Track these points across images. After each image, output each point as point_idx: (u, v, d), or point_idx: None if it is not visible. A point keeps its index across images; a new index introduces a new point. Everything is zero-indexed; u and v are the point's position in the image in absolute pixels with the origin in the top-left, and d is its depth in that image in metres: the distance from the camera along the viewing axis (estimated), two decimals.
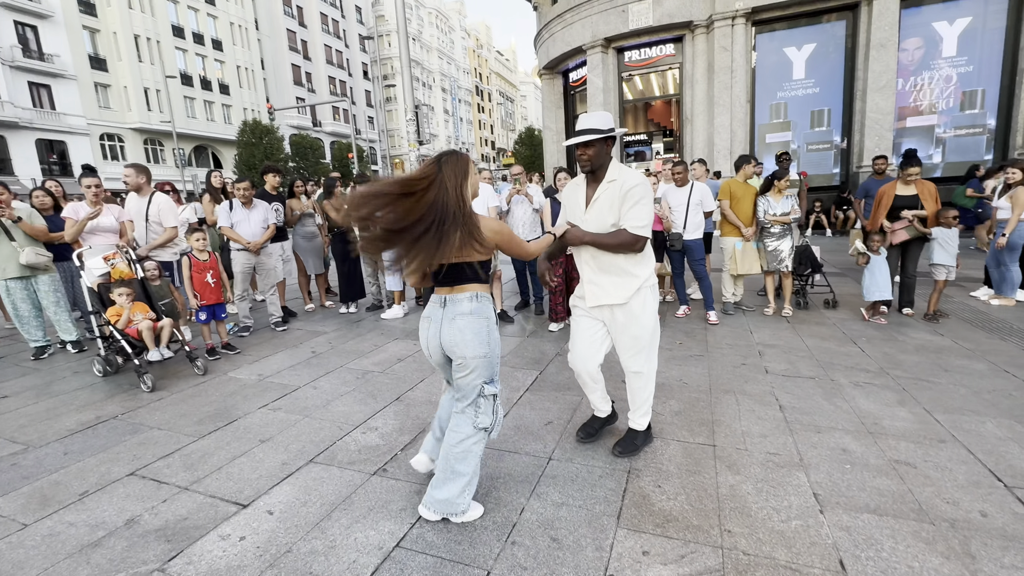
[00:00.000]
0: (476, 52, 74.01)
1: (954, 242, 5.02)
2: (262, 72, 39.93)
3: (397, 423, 3.11)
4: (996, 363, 3.78)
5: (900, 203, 5.10)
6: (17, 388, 3.96)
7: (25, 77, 25.21)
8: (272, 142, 31.21)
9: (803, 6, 11.50)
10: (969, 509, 2.13)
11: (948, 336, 4.46)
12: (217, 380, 3.95)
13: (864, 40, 11.16)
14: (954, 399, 3.18)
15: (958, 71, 10.97)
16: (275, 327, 5.34)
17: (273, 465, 2.66)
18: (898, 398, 3.23)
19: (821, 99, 11.97)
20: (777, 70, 12.14)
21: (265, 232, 5.19)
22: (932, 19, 10.96)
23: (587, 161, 2.38)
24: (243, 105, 37.48)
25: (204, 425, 3.16)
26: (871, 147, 11.19)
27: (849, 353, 4.12)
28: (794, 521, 2.09)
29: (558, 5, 14.41)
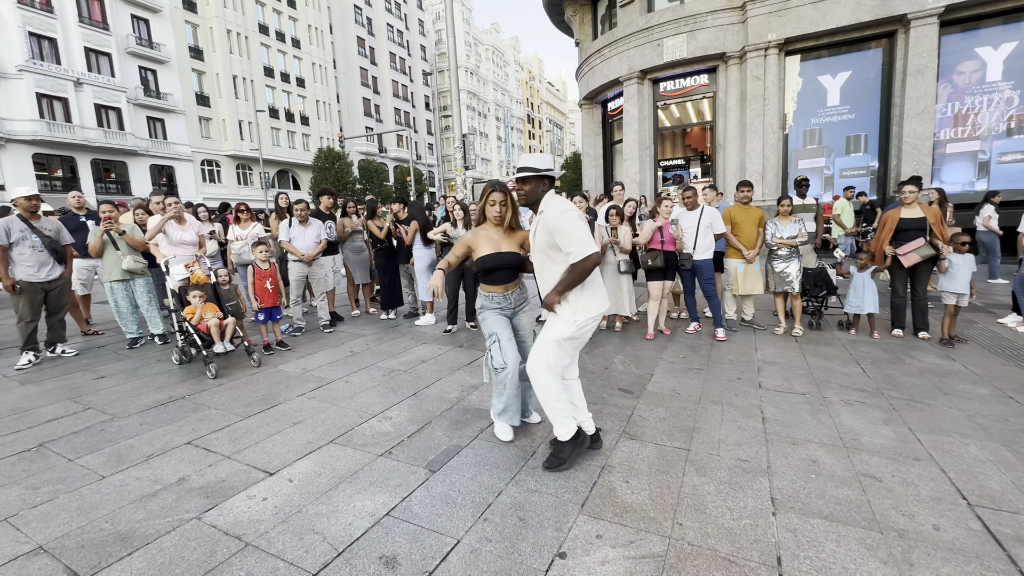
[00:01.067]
0: (528, 83, 75.48)
1: (967, 268, 4.75)
2: (337, 105, 42.55)
3: (409, 415, 3.35)
4: (1002, 389, 3.56)
5: (906, 225, 4.90)
6: (112, 371, 4.54)
7: (144, 112, 28.22)
8: (343, 167, 33.11)
9: (837, 35, 11.13)
10: (923, 522, 2.09)
11: (960, 361, 4.22)
12: (268, 371, 4.36)
13: (901, 67, 10.63)
14: (943, 421, 3.05)
15: (1004, 96, 10.23)
16: (323, 329, 5.78)
17: (300, 443, 2.96)
18: (884, 417, 3.13)
19: (857, 125, 11.46)
20: (811, 97, 11.76)
21: (317, 246, 5.66)
22: (975, 44, 10.31)
23: (523, 196, 2.60)
24: (320, 134, 40.04)
25: (251, 407, 3.53)
26: (909, 172, 10.56)
27: (849, 373, 3.99)
28: (744, 520, 2.13)
29: (597, 41, 14.65)
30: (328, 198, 6.18)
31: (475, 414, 3.32)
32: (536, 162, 2.58)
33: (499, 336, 2.77)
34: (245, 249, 5.95)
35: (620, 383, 3.88)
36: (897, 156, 10.89)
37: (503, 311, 2.85)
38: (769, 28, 11.39)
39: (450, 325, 5.65)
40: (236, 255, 5.95)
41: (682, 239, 5.25)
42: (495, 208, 2.66)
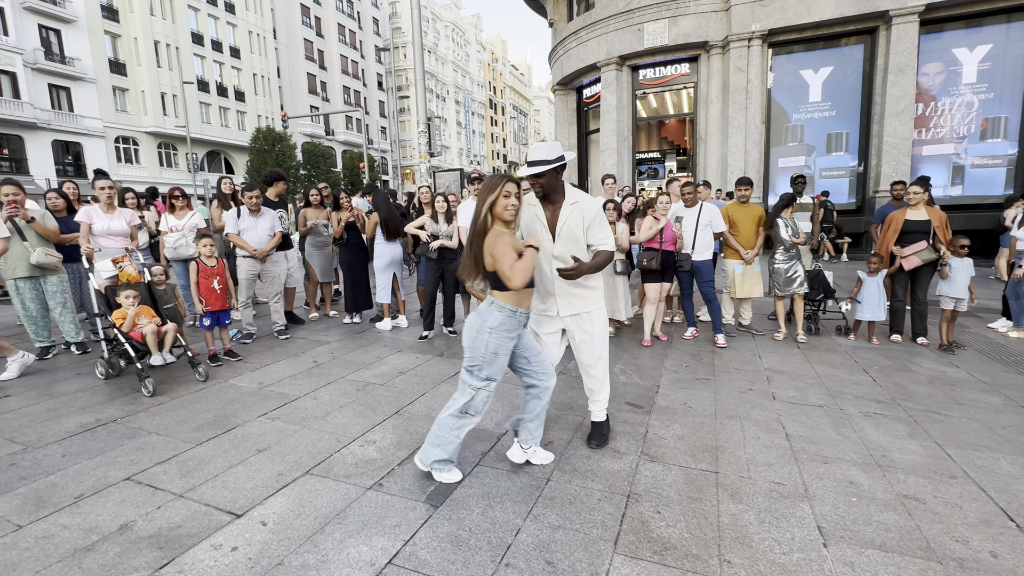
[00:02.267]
0: (491, 66, 75.16)
1: (966, 272, 4.99)
2: (278, 80, 40.79)
3: (395, 437, 3.13)
4: (1012, 398, 3.73)
5: (910, 227, 5.10)
6: (20, 387, 4.03)
7: (46, 79, 25.96)
8: (284, 149, 31.76)
9: (820, 29, 11.61)
10: (979, 549, 2.09)
11: (963, 368, 4.41)
12: (218, 387, 4.00)
13: (882, 64, 11.22)
14: (967, 434, 3.14)
15: (979, 98, 10.98)
16: (278, 335, 5.40)
17: (269, 475, 2.68)
18: (909, 430, 3.19)
19: (838, 122, 12.01)
20: (793, 92, 12.22)
21: (271, 240, 5.28)
22: (952, 45, 11.01)
23: (540, 188, 2.68)
24: (257, 112, 38.25)
25: (202, 432, 3.20)
26: (888, 172, 11.18)
27: (860, 382, 4.08)
28: (796, 554, 2.07)
29: (574, 22, 14.67)
30: (282, 184, 5.79)
31: (472, 435, 3.13)
32: (546, 153, 2.66)
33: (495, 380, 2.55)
34: (182, 242, 5.48)
35: (625, 396, 3.80)
36: (877, 156, 11.49)
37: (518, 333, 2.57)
38: (753, 18, 11.73)
39: (426, 331, 5.42)
40: (171, 249, 5.46)
41: (683, 238, 5.25)
42: (510, 201, 2.48)
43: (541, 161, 2.63)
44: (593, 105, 15.12)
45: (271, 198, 5.73)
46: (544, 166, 2.61)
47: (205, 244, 4.48)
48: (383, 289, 5.82)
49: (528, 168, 2.65)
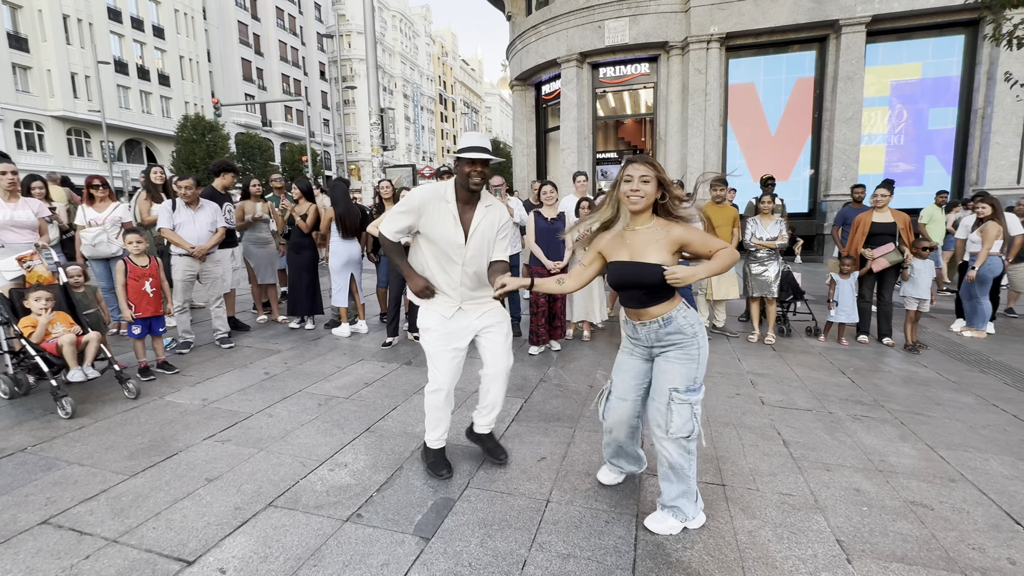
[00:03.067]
0: (441, 59, 74.43)
1: (928, 274, 5.26)
2: (208, 64, 38.56)
3: (370, 459, 2.85)
4: (983, 396, 3.91)
5: (877, 229, 5.31)
6: None
7: None
8: (216, 140, 29.98)
9: (774, 35, 12.12)
10: (996, 556, 2.10)
11: (931, 368, 4.61)
12: (152, 405, 3.55)
13: (832, 72, 11.85)
14: (952, 434, 3.23)
15: (914, 108, 11.80)
16: (220, 343, 4.93)
17: (224, 510, 2.35)
18: (899, 433, 3.25)
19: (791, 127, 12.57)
20: (749, 96, 12.69)
21: (213, 236, 4.82)
22: (892, 56, 11.78)
23: (484, 180, 2.43)
24: (184, 98, 35.98)
25: (137, 460, 2.79)
26: (838, 176, 11.81)
27: (840, 384, 4.17)
28: (823, 573, 1.99)
29: (533, 16, 14.63)
30: (230, 176, 5.31)
31: (457, 453, 2.91)
32: (487, 143, 2.45)
33: (612, 386, 2.40)
34: (103, 238, 4.91)
35: None
36: (828, 160, 12.11)
37: (636, 347, 2.30)
38: (711, 20, 12.09)
39: (390, 337, 5.12)
40: (90, 246, 4.87)
41: None
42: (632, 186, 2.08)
43: (487, 149, 2.40)
44: (552, 102, 15.13)
45: (217, 189, 5.24)
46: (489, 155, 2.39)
47: (133, 240, 3.99)
48: (339, 292, 5.47)
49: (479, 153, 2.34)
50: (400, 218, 2.46)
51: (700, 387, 2.16)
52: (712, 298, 5.49)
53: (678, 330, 2.14)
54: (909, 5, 10.95)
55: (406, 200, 2.46)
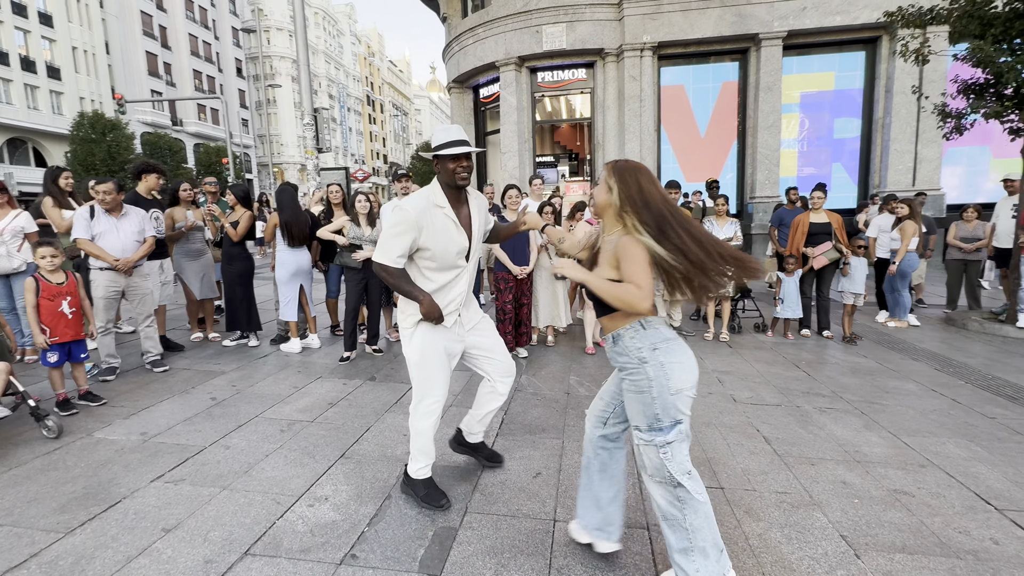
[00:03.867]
0: (367, 60, 72.40)
1: (862, 270, 5.68)
2: (106, 57, 35.10)
3: (352, 488, 2.60)
4: (921, 383, 4.23)
5: (815, 229, 5.67)
6: None
7: None
8: (119, 140, 27.26)
9: (702, 46, 12.76)
10: (981, 538, 2.22)
11: (871, 357, 4.96)
12: (79, 445, 3.07)
13: (754, 82, 12.63)
14: (908, 421, 3.46)
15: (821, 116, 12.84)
16: (152, 367, 4.40)
17: (192, 565, 2.03)
18: (863, 423, 3.43)
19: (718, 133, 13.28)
20: (681, 103, 13.27)
21: (141, 247, 4.28)
22: (804, 68, 12.75)
23: (470, 175, 2.30)
24: (79, 94, 32.55)
25: (71, 513, 2.37)
26: (762, 180, 12.61)
27: (798, 378, 4.37)
28: (839, 571, 2.01)
29: (469, 19, 14.49)
30: (155, 177, 4.76)
31: (446, 473, 2.73)
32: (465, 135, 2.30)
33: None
34: (1, 252, 4.24)
35: None
36: (752, 165, 12.90)
37: None
38: (644, 30, 12.52)
39: (348, 351, 4.79)
40: None
41: None
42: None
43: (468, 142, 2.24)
44: (491, 105, 15.06)
45: (142, 194, 4.67)
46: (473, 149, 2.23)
47: (47, 254, 3.44)
48: (288, 304, 5.06)
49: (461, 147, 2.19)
50: (399, 240, 2.18)
51: (668, 428, 1.72)
52: (668, 298, 5.61)
53: (624, 352, 1.80)
54: (819, 22, 11.89)
55: (400, 219, 2.18)
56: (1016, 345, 5.41)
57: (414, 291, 2.27)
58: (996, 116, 5.79)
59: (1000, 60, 5.54)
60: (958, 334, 5.89)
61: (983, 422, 3.43)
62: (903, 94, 11.55)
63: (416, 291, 2.27)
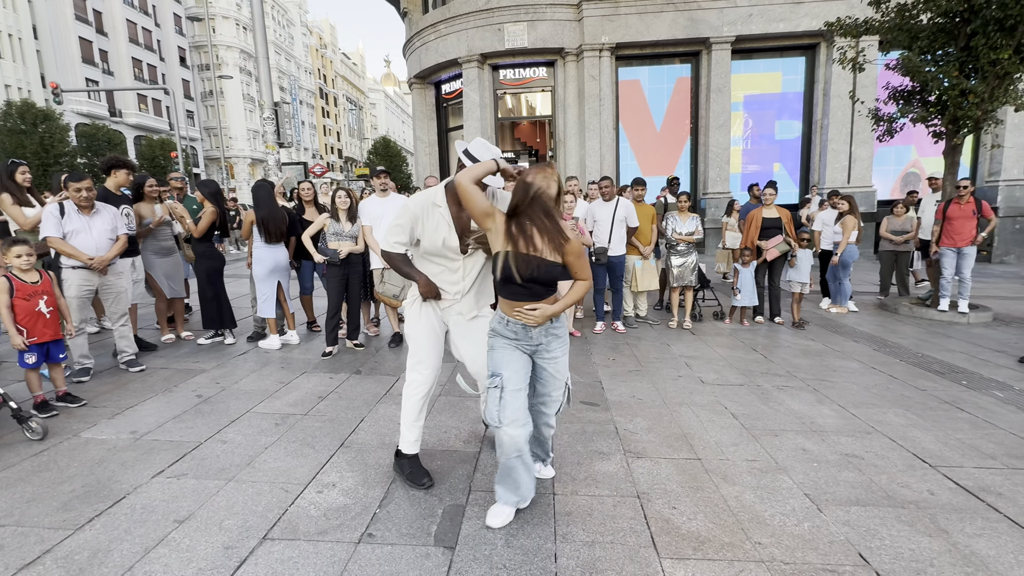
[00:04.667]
0: (320, 52, 70.16)
1: (807, 261, 6.14)
2: (35, 42, 32.61)
3: (357, 475, 2.69)
4: (863, 362, 4.67)
5: (768, 224, 6.08)
6: None
7: None
8: (52, 131, 25.45)
9: (657, 48, 13.21)
10: (919, 490, 2.56)
11: (818, 341, 5.40)
12: (67, 445, 3.00)
13: (705, 83, 13.20)
14: (854, 395, 3.84)
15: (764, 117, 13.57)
16: (128, 367, 4.28)
17: (212, 552, 2.09)
18: (815, 398, 3.79)
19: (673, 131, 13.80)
20: (637, 102, 13.70)
21: (115, 244, 4.16)
22: (750, 71, 13.42)
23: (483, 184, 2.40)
24: (5, 81, 30.14)
25: (75, 511, 2.36)
26: (714, 176, 13.21)
27: (756, 360, 4.73)
28: (805, 523, 2.29)
29: (431, 15, 14.41)
30: (124, 172, 4.60)
31: (445, 457, 2.86)
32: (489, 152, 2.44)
33: (503, 380, 2.19)
34: None
35: (576, 396, 3.83)
36: (705, 162, 13.48)
37: (519, 343, 2.26)
38: (602, 31, 12.83)
39: (330, 346, 4.80)
40: None
41: (586, 235, 5.49)
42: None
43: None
44: (453, 101, 15.05)
45: (111, 190, 4.51)
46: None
47: (22, 253, 3.31)
48: (266, 301, 5.01)
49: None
50: (399, 230, 2.43)
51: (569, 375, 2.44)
52: (637, 289, 5.89)
53: (560, 325, 2.29)
54: (764, 28, 12.54)
55: (403, 211, 2.43)
56: (939, 327, 6.01)
57: (412, 272, 2.51)
58: (922, 120, 6.37)
59: (926, 70, 6.09)
60: (891, 318, 6.47)
61: (916, 394, 3.86)
62: (839, 98, 12.37)
63: (414, 272, 2.51)
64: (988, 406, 3.63)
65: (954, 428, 3.26)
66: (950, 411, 3.54)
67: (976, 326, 6.03)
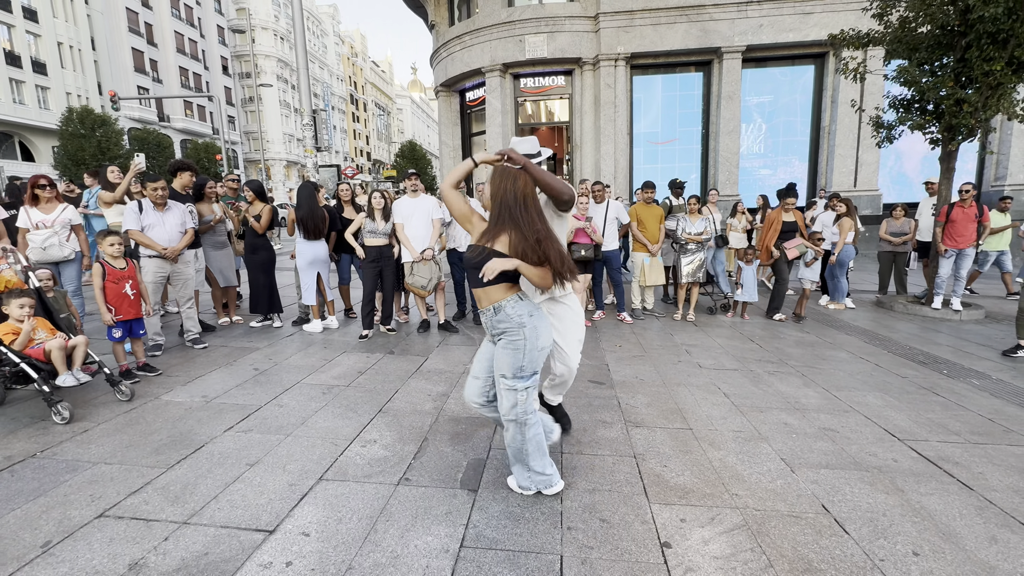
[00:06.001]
0: (351, 60, 71.27)
1: (818, 261, 6.29)
2: (92, 53, 33.95)
3: (394, 434, 3.03)
4: (853, 352, 4.85)
5: (787, 227, 6.18)
6: None
7: None
8: (109, 135, 26.57)
9: (670, 57, 13.33)
10: (885, 458, 2.79)
11: (813, 333, 5.58)
12: (151, 405, 3.41)
13: (716, 91, 13.28)
14: (839, 380, 4.05)
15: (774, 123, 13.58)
16: (193, 344, 4.71)
17: (279, 487, 2.44)
18: (802, 381, 4.01)
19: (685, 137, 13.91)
20: (650, 109, 13.84)
21: (184, 237, 4.58)
22: (761, 79, 13.44)
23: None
24: (66, 89, 31.47)
25: (165, 455, 2.75)
26: (723, 180, 13.29)
27: (752, 349, 4.95)
28: (778, 480, 2.54)
29: (457, 27, 14.75)
30: (188, 175, 5.02)
31: (469, 423, 3.18)
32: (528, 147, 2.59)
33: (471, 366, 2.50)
34: (53, 241, 4.49)
35: (584, 375, 4.11)
36: (714, 166, 13.56)
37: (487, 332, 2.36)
38: (618, 41, 13.01)
39: (366, 330, 5.17)
40: (39, 249, 4.42)
41: (598, 232, 5.76)
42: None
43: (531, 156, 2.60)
44: (477, 108, 15.39)
45: (177, 190, 4.94)
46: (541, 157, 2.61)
47: (113, 242, 3.74)
48: (308, 290, 5.40)
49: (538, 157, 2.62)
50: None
51: (528, 376, 2.19)
52: (645, 284, 6.13)
53: (506, 319, 2.17)
54: (774, 38, 12.57)
55: None
56: (932, 323, 6.12)
57: None
58: (919, 128, 6.46)
59: (923, 80, 6.19)
60: (887, 314, 6.58)
61: (897, 380, 4.05)
62: (846, 105, 12.35)
63: None
64: (962, 392, 3.81)
65: (926, 409, 3.46)
66: (926, 395, 3.73)
67: (968, 323, 6.12)
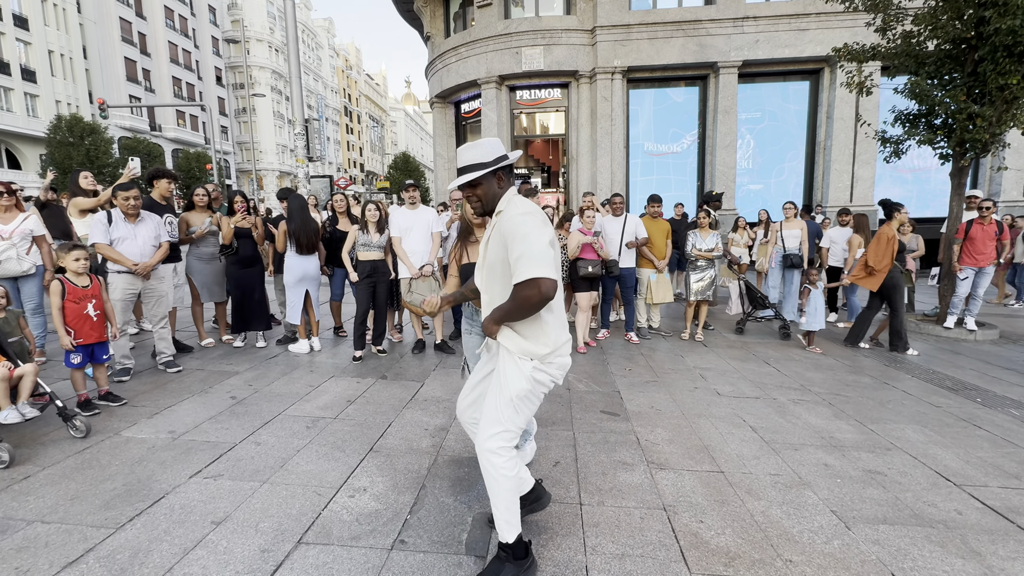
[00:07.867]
0: (345, 72, 71.15)
1: None
2: (84, 61, 33.35)
3: (387, 480, 2.62)
4: (875, 376, 4.52)
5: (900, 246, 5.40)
6: None
7: None
8: (97, 143, 25.95)
9: (667, 71, 13.17)
10: (947, 509, 2.43)
11: (829, 355, 5.24)
12: (109, 444, 2.96)
13: (713, 105, 13.11)
14: (870, 410, 3.70)
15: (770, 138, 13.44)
16: (166, 368, 4.26)
17: (249, 555, 2.02)
18: (832, 412, 3.65)
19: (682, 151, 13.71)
20: (647, 122, 13.64)
21: (157, 251, 4.15)
22: (756, 94, 13.32)
23: (478, 203, 1.89)
24: (56, 97, 30.80)
25: (116, 510, 2.31)
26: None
27: (769, 373, 4.60)
28: (834, 541, 2.17)
29: (453, 39, 14.51)
30: (166, 183, 4.61)
31: (472, 465, 2.77)
32: (480, 154, 1.83)
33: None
34: (11, 254, 4.07)
35: (596, 405, 3.74)
36: (711, 180, 13.36)
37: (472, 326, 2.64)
38: (615, 55, 12.82)
39: (358, 351, 4.75)
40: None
41: (606, 249, 5.41)
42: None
43: (474, 165, 1.83)
44: (472, 120, 15.11)
45: (155, 199, 4.52)
46: (477, 171, 1.82)
47: (77, 257, 3.31)
48: (294, 308, 4.98)
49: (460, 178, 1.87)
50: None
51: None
52: (651, 302, 5.78)
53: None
54: (770, 54, 12.45)
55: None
56: (946, 343, 5.83)
57: None
58: (928, 142, 6.23)
59: (934, 94, 5.97)
60: None
61: (932, 411, 3.71)
62: (842, 120, 12.23)
63: None
64: (1005, 424, 3.47)
65: (974, 447, 3.11)
66: (968, 429, 3.39)
67: (984, 343, 5.84)
